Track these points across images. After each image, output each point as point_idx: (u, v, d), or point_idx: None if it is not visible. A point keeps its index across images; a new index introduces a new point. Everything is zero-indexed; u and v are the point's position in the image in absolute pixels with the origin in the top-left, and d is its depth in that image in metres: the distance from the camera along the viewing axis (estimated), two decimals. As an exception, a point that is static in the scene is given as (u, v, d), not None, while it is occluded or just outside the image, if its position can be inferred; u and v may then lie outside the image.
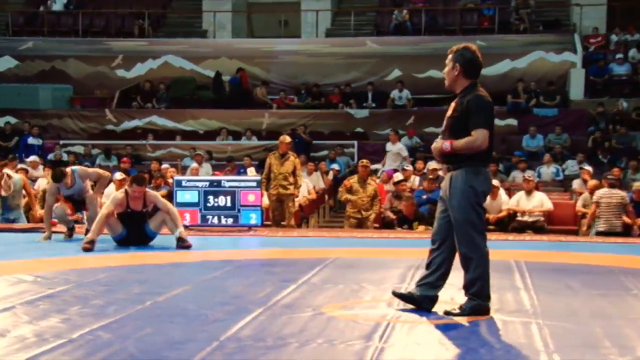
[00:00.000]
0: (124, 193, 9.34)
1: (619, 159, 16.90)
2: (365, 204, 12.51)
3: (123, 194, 9.34)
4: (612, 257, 8.78)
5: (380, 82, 21.23)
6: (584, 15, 22.82)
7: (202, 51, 22.56)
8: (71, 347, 4.39)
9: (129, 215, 9.25)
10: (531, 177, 13.45)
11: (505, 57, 20.87)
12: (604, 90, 20.28)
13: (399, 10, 23.32)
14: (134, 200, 9.25)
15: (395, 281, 6.75)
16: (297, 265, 7.78)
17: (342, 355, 4.31)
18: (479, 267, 5.23)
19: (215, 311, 5.41)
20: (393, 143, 16.97)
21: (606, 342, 4.63)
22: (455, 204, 5.24)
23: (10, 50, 22.71)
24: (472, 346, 4.56)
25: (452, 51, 5.34)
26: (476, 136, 5.12)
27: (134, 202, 9.26)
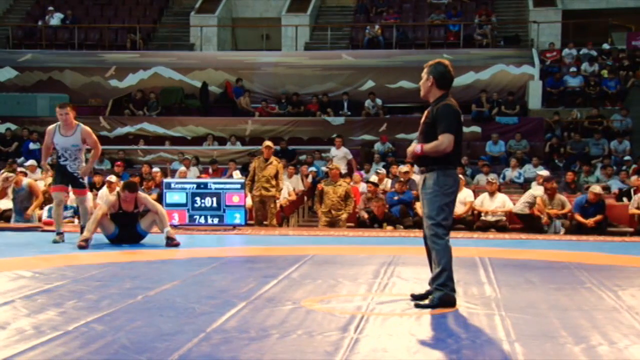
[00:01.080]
0: (116, 196, 9.31)
1: (573, 164, 17.04)
2: (335, 204, 12.48)
3: (115, 197, 9.32)
4: (568, 253, 8.83)
5: (355, 92, 21.25)
6: (540, 32, 23.01)
7: (189, 63, 22.47)
8: (67, 339, 4.35)
9: (121, 216, 9.20)
10: (494, 180, 13.50)
11: (469, 69, 20.95)
12: (559, 101, 20.44)
13: (372, 26, 23.38)
14: (125, 203, 9.21)
15: (369, 276, 6.74)
16: (278, 262, 7.76)
17: (320, 346, 4.30)
18: (443, 259, 5.27)
19: (202, 305, 5.38)
20: (337, 148, 17.06)
21: (563, 332, 4.65)
22: (426, 202, 5.35)
23: (10, 61, 22.52)
24: (440, 336, 4.56)
25: (427, 65, 5.50)
26: (442, 140, 5.25)
27: (125, 204, 9.21)
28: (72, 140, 9.23)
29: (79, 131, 9.28)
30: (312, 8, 24.96)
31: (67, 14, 24.86)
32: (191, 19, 24.94)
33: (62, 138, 9.24)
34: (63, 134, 9.24)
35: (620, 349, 4.29)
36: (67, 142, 9.21)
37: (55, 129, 9.27)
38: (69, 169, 9.27)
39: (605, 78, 20.72)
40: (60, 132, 9.25)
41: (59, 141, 9.24)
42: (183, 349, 4.13)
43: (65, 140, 9.23)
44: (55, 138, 9.24)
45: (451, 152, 5.31)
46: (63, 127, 9.21)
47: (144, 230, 9.37)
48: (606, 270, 7.41)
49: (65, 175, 9.27)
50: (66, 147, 9.21)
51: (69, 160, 9.25)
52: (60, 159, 9.28)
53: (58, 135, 9.26)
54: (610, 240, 10.85)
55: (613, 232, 12.34)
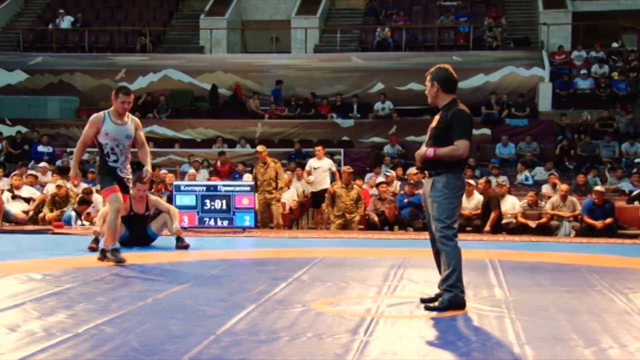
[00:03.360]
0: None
1: (584, 166, 16.99)
2: (348, 207, 12.50)
3: None
4: (578, 256, 8.80)
5: (365, 95, 21.25)
6: (550, 34, 22.94)
7: (199, 65, 22.52)
8: (77, 341, 4.35)
9: (132, 218, 9.22)
10: (504, 183, 13.47)
11: (479, 71, 20.93)
12: (569, 103, 20.38)
13: (382, 28, 23.37)
14: (137, 203, 9.25)
15: (379, 279, 6.74)
16: (287, 264, 7.76)
17: (330, 348, 4.29)
18: (453, 261, 5.27)
19: (212, 307, 5.38)
20: (319, 159, 14.12)
21: (573, 335, 4.63)
22: (436, 205, 5.34)
23: (21, 64, 22.62)
24: (450, 339, 4.55)
25: (429, 73, 5.54)
26: (459, 145, 5.29)
27: (137, 204, 9.25)
28: (126, 129, 7.57)
29: (131, 119, 7.69)
30: (322, 10, 24.97)
31: (77, 17, 24.96)
32: (201, 21, 24.99)
33: (115, 127, 7.50)
34: (116, 122, 7.53)
35: (632, 352, 4.27)
36: (121, 133, 7.51)
37: (104, 116, 7.51)
38: (119, 173, 7.55)
39: (616, 80, 20.65)
40: (112, 120, 7.53)
41: (111, 130, 7.47)
42: (193, 352, 4.13)
43: (119, 130, 7.51)
44: (106, 126, 7.46)
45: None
46: (117, 114, 7.54)
47: (155, 232, 9.41)
48: (617, 273, 7.38)
49: (114, 177, 7.55)
50: (119, 138, 7.49)
51: (120, 158, 7.54)
52: (109, 157, 7.52)
53: (110, 123, 7.49)
54: (621, 243, 10.81)
55: (624, 234, 12.28)
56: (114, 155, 7.50)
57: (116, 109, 7.52)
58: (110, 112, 7.56)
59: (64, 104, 21.53)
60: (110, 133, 7.46)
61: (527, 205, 12.75)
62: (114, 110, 7.54)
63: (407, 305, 5.56)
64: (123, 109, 7.50)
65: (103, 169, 7.57)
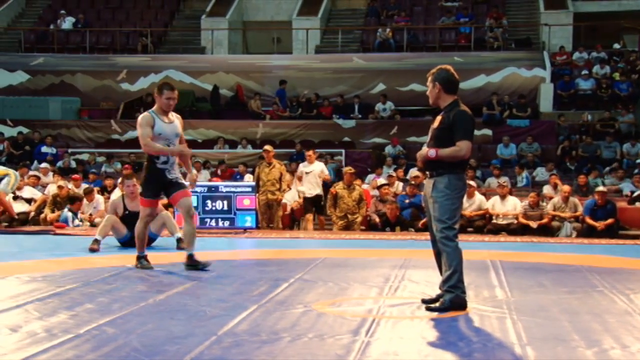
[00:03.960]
0: (120, 196, 9.42)
1: (585, 167, 16.98)
2: (351, 207, 12.50)
3: (119, 196, 9.43)
4: (579, 256, 8.80)
5: (366, 95, 21.24)
6: (552, 35, 22.93)
7: (200, 66, 22.53)
8: (78, 342, 4.36)
9: (129, 217, 9.26)
10: (505, 183, 13.47)
11: (480, 72, 20.92)
12: (570, 104, 20.37)
13: (383, 29, 23.36)
14: (131, 201, 9.29)
15: (380, 279, 6.74)
16: (289, 265, 7.77)
17: (332, 349, 4.29)
18: (454, 261, 5.27)
19: (213, 308, 5.38)
20: (310, 162, 13.27)
21: (574, 336, 4.63)
22: (437, 206, 5.35)
23: (22, 65, 22.63)
24: (451, 339, 4.55)
25: (431, 74, 5.55)
26: (461, 146, 5.30)
27: (131, 203, 9.30)
28: (175, 127, 7.16)
29: (176, 117, 7.24)
30: (323, 11, 24.97)
31: (78, 18, 24.97)
32: (202, 22, 25.00)
33: (166, 126, 7.07)
34: (164, 120, 7.09)
35: (633, 352, 4.27)
36: (171, 132, 7.11)
37: (153, 116, 7.06)
38: (168, 175, 7.12)
39: (617, 81, 20.63)
40: (160, 119, 7.07)
41: (163, 130, 7.03)
42: (194, 352, 4.13)
43: (170, 129, 7.10)
44: (158, 127, 7.01)
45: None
46: (162, 112, 7.10)
47: (154, 233, 9.42)
48: (618, 274, 7.38)
49: (159, 184, 7.14)
50: (170, 138, 7.09)
51: (170, 159, 7.13)
52: (158, 159, 7.09)
53: (160, 122, 7.04)
54: (622, 243, 10.81)
55: (625, 235, 12.29)
56: (164, 156, 7.08)
57: (160, 107, 7.06)
58: (155, 111, 7.09)
59: (66, 105, 21.54)
60: (162, 133, 7.02)
61: (528, 206, 12.75)
62: (158, 109, 7.08)
63: (408, 306, 5.57)
64: (168, 106, 7.04)
65: (150, 172, 7.12)
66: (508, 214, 12.78)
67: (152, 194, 7.19)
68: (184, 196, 7.12)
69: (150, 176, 7.14)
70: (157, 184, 7.14)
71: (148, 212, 7.29)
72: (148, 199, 7.21)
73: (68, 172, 16.62)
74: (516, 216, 12.71)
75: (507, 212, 12.79)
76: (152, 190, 7.18)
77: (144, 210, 7.27)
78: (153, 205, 7.29)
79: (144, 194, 7.24)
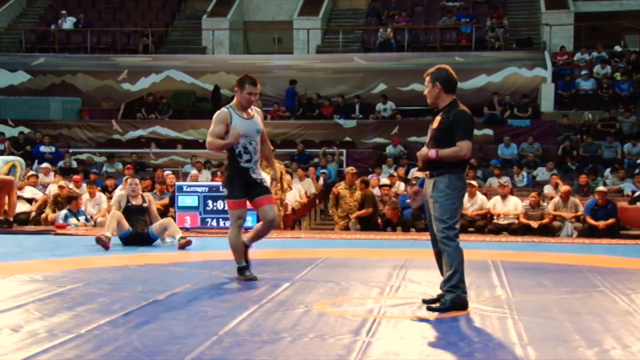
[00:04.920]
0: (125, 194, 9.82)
1: (586, 166, 16.97)
2: (352, 208, 12.50)
3: (125, 194, 9.84)
4: (580, 256, 8.80)
5: (367, 95, 21.24)
6: (553, 35, 22.93)
7: (201, 66, 22.53)
8: (79, 342, 4.36)
9: (131, 211, 9.51)
10: (506, 183, 13.47)
11: (481, 72, 20.91)
12: (571, 104, 20.36)
13: (384, 29, 23.36)
14: (132, 198, 9.68)
15: (381, 279, 6.74)
16: (290, 265, 7.77)
17: (332, 349, 4.29)
18: (455, 261, 5.27)
19: (214, 308, 5.39)
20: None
21: (575, 336, 4.63)
22: (438, 205, 5.34)
23: (23, 65, 22.64)
24: (452, 340, 4.55)
25: (428, 74, 5.52)
26: (461, 146, 5.29)
27: (133, 200, 9.68)
28: (255, 124, 6.60)
29: (256, 112, 6.72)
30: (324, 11, 24.97)
31: (79, 18, 24.98)
32: (203, 22, 25.01)
33: (245, 122, 6.52)
34: (243, 116, 6.56)
35: (634, 352, 4.27)
36: (252, 128, 6.54)
37: (231, 111, 6.55)
38: (252, 174, 6.59)
39: (618, 81, 20.62)
40: (239, 115, 6.55)
41: (242, 126, 6.48)
42: (195, 352, 4.14)
43: (249, 125, 6.54)
44: (235, 123, 6.47)
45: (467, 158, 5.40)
46: (242, 108, 6.59)
47: (155, 234, 9.53)
48: (619, 274, 7.38)
49: (243, 183, 6.58)
50: (251, 135, 6.52)
51: (253, 157, 6.56)
52: (241, 158, 6.53)
53: (238, 119, 6.51)
54: (623, 243, 10.80)
55: (626, 235, 12.28)
56: (247, 155, 6.50)
57: (240, 102, 6.54)
58: (234, 107, 6.58)
59: (67, 105, 21.56)
60: (243, 130, 6.47)
61: (529, 206, 12.74)
62: (237, 104, 6.56)
63: (409, 306, 5.56)
64: (249, 101, 6.53)
65: (232, 172, 6.55)
66: (509, 213, 12.78)
67: (239, 194, 6.52)
68: (269, 203, 6.62)
69: (233, 176, 6.55)
70: (241, 184, 6.54)
71: (238, 215, 6.56)
72: (236, 199, 6.54)
73: (69, 172, 16.63)
74: (517, 216, 12.70)
75: (508, 212, 12.79)
76: (239, 190, 6.52)
77: (234, 213, 6.56)
78: (243, 206, 6.57)
79: (230, 195, 6.55)
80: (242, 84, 6.53)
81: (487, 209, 12.88)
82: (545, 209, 12.75)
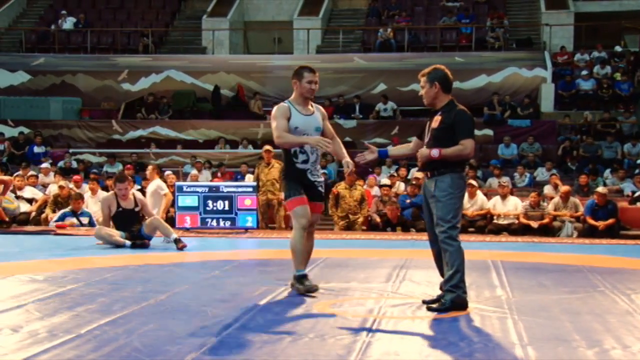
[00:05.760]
0: (113, 194, 9.55)
1: (586, 167, 16.97)
2: (352, 207, 12.50)
3: (112, 193, 9.58)
4: (580, 256, 8.80)
5: (367, 95, 21.24)
6: (553, 35, 22.92)
7: (201, 66, 22.52)
8: (79, 342, 4.36)
9: (122, 214, 9.36)
10: (506, 184, 13.47)
11: (481, 72, 20.90)
12: (571, 104, 20.35)
13: (384, 29, 23.35)
14: (123, 201, 9.49)
15: (382, 279, 6.74)
16: (290, 265, 7.74)
17: (333, 349, 4.29)
18: (457, 261, 5.27)
19: (215, 308, 5.39)
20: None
21: (575, 336, 4.63)
22: (440, 205, 5.34)
23: (23, 65, 22.63)
24: (452, 340, 4.55)
25: (424, 74, 5.54)
26: (465, 145, 5.32)
27: (123, 202, 9.50)
28: (314, 120, 6.15)
29: (316, 108, 6.24)
30: (324, 11, 24.96)
31: (79, 18, 24.97)
32: (203, 22, 25.00)
33: (303, 118, 6.06)
34: (302, 112, 6.09)
35: (634, 352, 4.27)
36: (310, 125, 6.09)
37: (290, 106, 6.06)
38: (310, 176, 6.09)
39: (618, 81, 20.62)
40: (297, 110, 6.08)
41: (300, 123, 6.02)
42: (195, 352, 4.14)
43: (308, 122, 6.09)
44: (294, 119, 6.00)
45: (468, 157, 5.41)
46: (302, 101, 6.12)
47: (148, 234, 9.45)
48: (619, 274, 7.38)
49: (300, 185, 6.06)
50: (309, 132, 6.04)
51: (310, 157, 6.06)
52: (297, 158, 6.04)
53: (297, 114, 6.03)
54: (624, 243, 10.81)
55: (626, 235, 12.29)
56: (303, 155, 6.02)
57: (301, 94, 6.08)
58: (293, 102, 6.10)
59: (67, 105, 21.55)
60: (299, 127, 5.98)
61: (529, 206, 12.75)
62: (297, 98, 6.10)
63: (409, 306, 5.57)
64: (310, 91, 6.07)
65: (289, 173, 6.09)
66: (509, 214, 12.79)
67: (297, 191, 6.01)
68: (315, 212, 6.15)
69: (290, 178, 6.08)
70: (299, 184, 6.04)
71: (301, 213, 6.04)
72: (294, 197, 6.04)
73: (69, 172, 16.63)
74: (517, 216, 12.70)
75: (508, 212, 12.79)
76: (295, 187, 6.02)
77: (295, 212, 6.06)
78: (303, 202, 6.03)
79: (287, 195, 6.09)
80: (301, 74, 6.15)
81: (487, 209, 12.89)
82: (545, 209, 12.75)
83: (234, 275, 7.12)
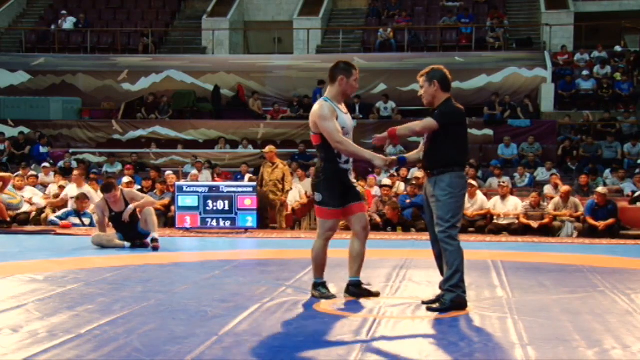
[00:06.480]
0: (104, 200, 9.43)
1: (586, 167, 16.96)
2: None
3: (103, 200, 9.45)
4: (580, 256, 8.80)
5: (367, 95, 21.23)
6: (553, 35, 22.93)
7: (201, 66, 22.52)
8: (80, 342, 4.36)
9: (116, 217, 9.31)
10: (506, 184, 13.46)
11: (481, 72, 20.89)
12: (571, 104, 20.35)
13: (384, 29, 23.36)
14: (114, 205, 9.37)
15: (381, 279, 6.74)
16: (290, 265, 7.77)
17: (333, 349, 4.29)
18: (457, 261, 5.28)
19: (215, 308, 5.39)
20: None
21: (576, 336, 4.63)
22: (440, 205, 5.35)
23: (23, 65, 22.63)
24: (452, 339, 4.55)
25: (423, 74, 5.58)
26: (424, 121, 5.46)
27: (114, 206, 9.38)
28: (351, 120, 5.88)
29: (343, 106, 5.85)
30: (324, 11, 24.96)
31: (79, 18, 24.98)
32: (203, 22, 25.00)
33: (346, 117, 5.75)
34: (343, 110, 5.77)
35: (634, 352, 4.27)
36: (351, 124, 5.84)
37: (333, 105, 5.66)
38: (350, 177, 5.82)
39: (618, 81, 20.62)
40: (340, 108, 5.72)
41: (345, 123, 5.70)
42: (195, 352, 4.14)
43: (349, 121, 5.82)
44: (340, 119, 5.65)
45: (459, 155, 5.41)
46: (341, 100, 5.79)
47: (144, 230, 9.39)
48: (619, 274, 7.38)
49: (341, 189, 5.71)
50: (350, 132, 5.78)
51: (351, 158, 5.81)
52: (340, 158, 5.70)
53: (341, 114, 5.69)
54: (624, 243, 10.81)
55: (626, 235, 12.28)
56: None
57: (345, 91, 5.72)
58: (332, 99, 5.70)
59: (67, 105, 21.54)
60: (345, 126, 5.66)
61: (529, 206, 12.74)
62: (337, 95, 5.72)
63: (409, 306, 5.57)
64: (354, 89, 5.79)
65: (331, 173, 5.66)
66: (509, 214, 12.78)
67: (339, 202, 5.65)
68: (361, 210, 5.78)
69: (331, 179, 5.66)
70: (340, 189, 5.67)
71: (330, 226, 5.71)
72: (333, 209, 5.67)
73: (69, 172, 16.62)
74: (517, 216, 12.70)
75: (508, 212, 12.78)
76: (339, 197, 5.65)
77: (326, 224, 5.70)
78: (338, 216, 5.72)
79: (327, 202, 5.65)
80: (349, 71, 5.72)
81: (487, 209, 12.88)
82: (545, 209, 12.75)
83: (234, 275, 7.12)
